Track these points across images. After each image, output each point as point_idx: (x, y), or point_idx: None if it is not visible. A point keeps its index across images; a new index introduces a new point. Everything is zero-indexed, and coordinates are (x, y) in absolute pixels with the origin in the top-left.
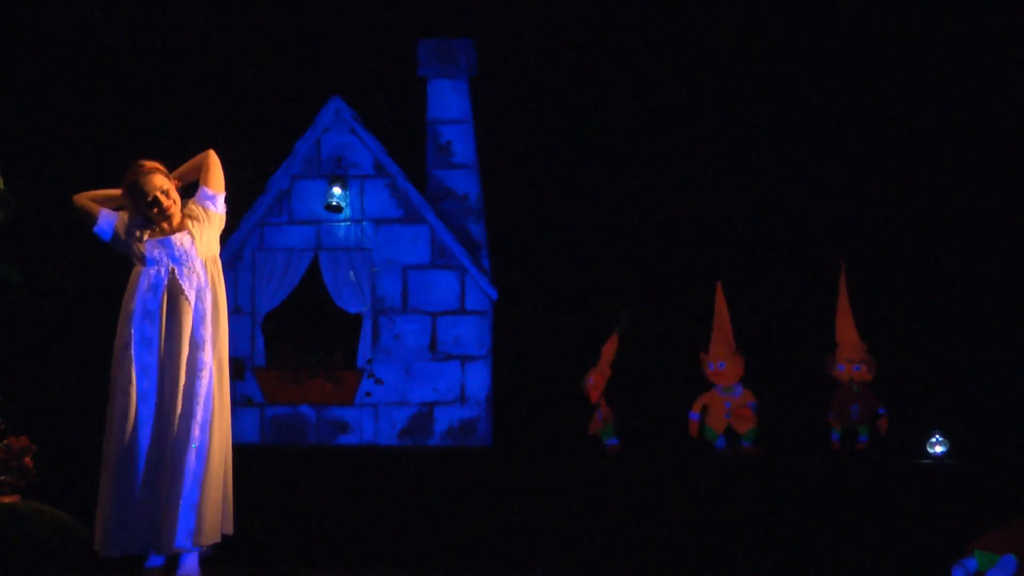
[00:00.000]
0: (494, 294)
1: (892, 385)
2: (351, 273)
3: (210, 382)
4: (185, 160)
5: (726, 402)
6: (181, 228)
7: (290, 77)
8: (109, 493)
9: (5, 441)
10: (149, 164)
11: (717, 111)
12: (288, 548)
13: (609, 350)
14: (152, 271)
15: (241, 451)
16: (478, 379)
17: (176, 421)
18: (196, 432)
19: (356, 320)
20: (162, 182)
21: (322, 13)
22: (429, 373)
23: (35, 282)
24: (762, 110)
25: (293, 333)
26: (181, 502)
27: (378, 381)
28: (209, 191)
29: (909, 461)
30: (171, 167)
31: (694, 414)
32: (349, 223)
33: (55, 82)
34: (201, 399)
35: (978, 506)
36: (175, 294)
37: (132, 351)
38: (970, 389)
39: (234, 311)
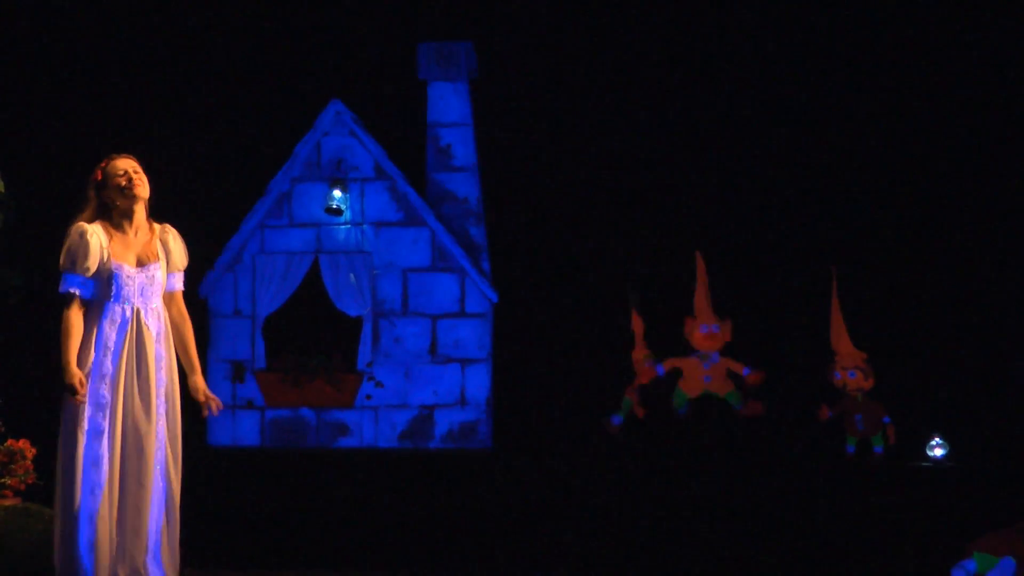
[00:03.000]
0: (494, 297)
1: (892, 388)
2: (351, 276)
3: (164, 428)
4: (189, 158)
5: (705, 370)
6: (153, 257)
7: (290, 80)
8: (68, 528)
9: (5, 444)
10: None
11: (716, 114)
12: (288, 550)
13: (637, 328)
14: (118, 308)
15: (241, 454)
16: (478, 382)
17: (141, 466)
18: (158, 478)
19: (356, 323)
20: (134, 164)
21: (322, 16)
22: (429, 376)
23: (35, 285)
24: (758, 116)
25: (293, 336)
26: (149, 545)
27: (378, 384)
28: (179, 275)
29: (909, 464)
30: (172, 167)
31: (660, 368)
32: (349, 226)
33: (55, 85)
34: (161, 443)
35: (977, 509)
36: (140, 335)
37: (88, 387)
38: (969, 392)
39: (234, 314)
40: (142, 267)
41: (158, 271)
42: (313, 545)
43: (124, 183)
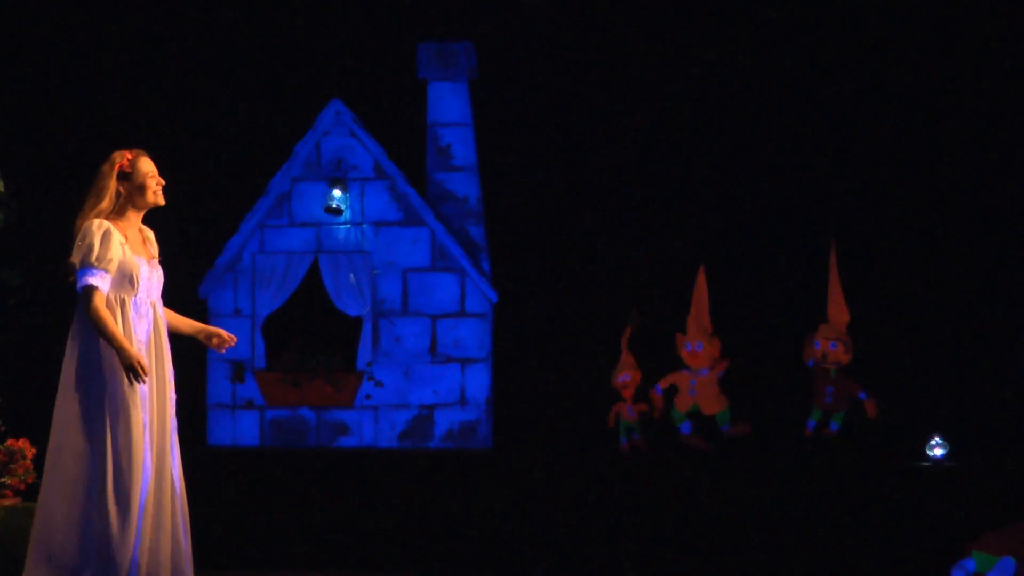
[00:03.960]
0: (494, 297)
1: (892, 387)
2: (351, 276)
3: (175, 421)
4: (189, 157)
5: (691, 379)
6: (152, 254)
7: (290, 79)
8: (116, 524)
9: (5, 444)
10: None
11: (717, 111)
12: (288, 550)
13: (625, 345)
14: (141, 302)
15: (241, 454)
16: (478, 382)
17: (168, 457)
18: (178, 467)
19: (356, 323)
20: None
21: (322, 15)
22: (429, 376)
23: (35, 284)
24: (758, 111)
25: (293, 336)
26: (183, 535)
27: (378, 384)
28: None
29: (909, 463)
30: (172, 167)
31: (658, 387)
32: (349, 226)
33: (55, 85)
34: (176, 435)
35: (977, 508)
36: (159, 327)
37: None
38: (970, 392)
39: (234, 314)
40: (149, 262)
41: (159, 267)
42: (313, 545)
43: (155, 187)
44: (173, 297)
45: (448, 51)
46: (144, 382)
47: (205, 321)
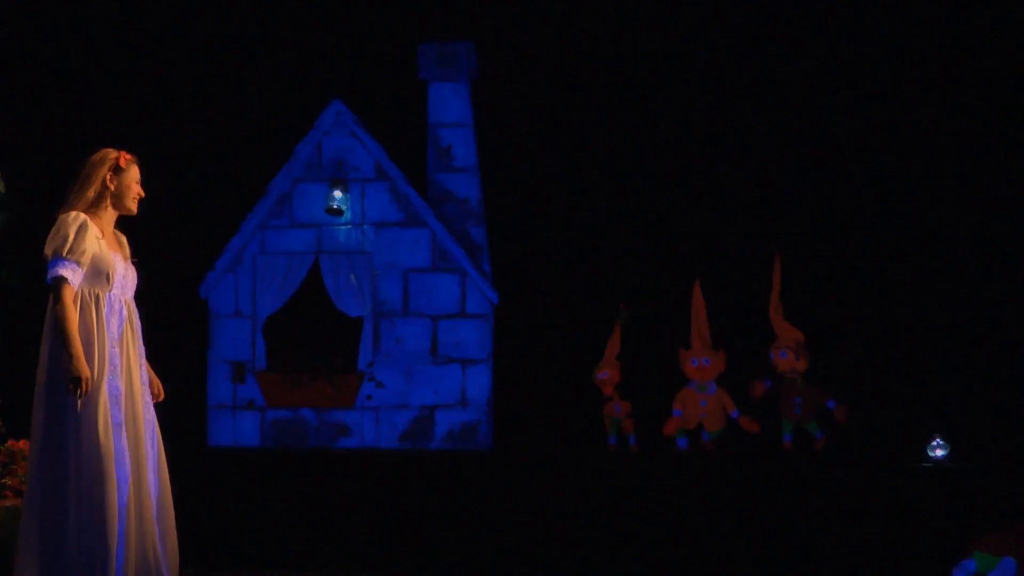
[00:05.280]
0: (495, 297)
1: (893, 388)
2: (352, 276)
3: (155, 423)
4: (190, 157)
5: (702, 400)
6: (127, 256)
7: (291, 80)
8: (101, 528)
9: (6, 444)
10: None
11: (718, 111)
12: (288, 550)
13: (613, 344)
14: (115, 299)
15: (242, 454)
16: (479, 382)
17: (146, 459)
18: (155, 470)
19: (357, 323)
20: None
21: (323, 16)
22: (430, 376)
23: (36, 285)
24: (756, 112)
25: (294, 336)
26: (159, 541)
27: (379, 384)
28: None
29: (910, 464)
30: (172, 167)
31: (678, 412)
32: (350, 226)
33: (56, 86)
34: (156, 439)
35: (978, 509)
36: (132, 325)
37: (105, 379)
38: (970, 392)
39: (235, 314)
40: (125, 261)
41: (133, 268)
42: (313, 545)
43: (135, 195)
44: (174, 298)
45: (449, 52)
46: (80, 398)
47: (206, 322)
